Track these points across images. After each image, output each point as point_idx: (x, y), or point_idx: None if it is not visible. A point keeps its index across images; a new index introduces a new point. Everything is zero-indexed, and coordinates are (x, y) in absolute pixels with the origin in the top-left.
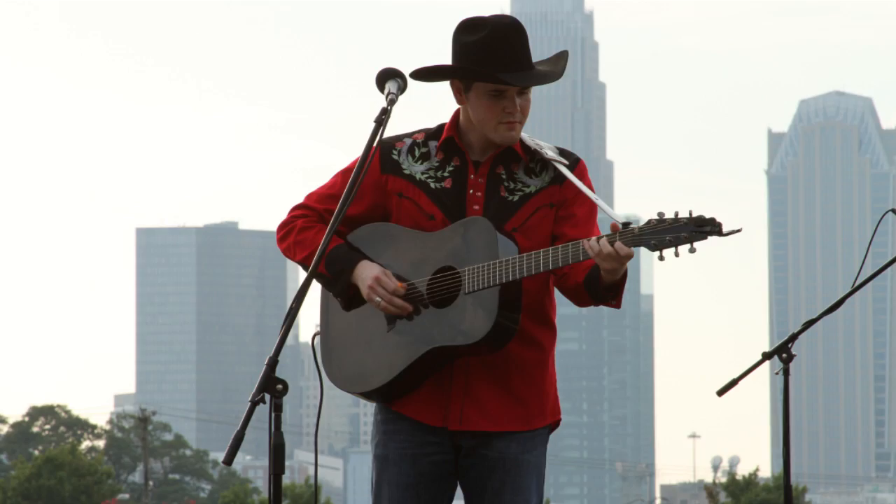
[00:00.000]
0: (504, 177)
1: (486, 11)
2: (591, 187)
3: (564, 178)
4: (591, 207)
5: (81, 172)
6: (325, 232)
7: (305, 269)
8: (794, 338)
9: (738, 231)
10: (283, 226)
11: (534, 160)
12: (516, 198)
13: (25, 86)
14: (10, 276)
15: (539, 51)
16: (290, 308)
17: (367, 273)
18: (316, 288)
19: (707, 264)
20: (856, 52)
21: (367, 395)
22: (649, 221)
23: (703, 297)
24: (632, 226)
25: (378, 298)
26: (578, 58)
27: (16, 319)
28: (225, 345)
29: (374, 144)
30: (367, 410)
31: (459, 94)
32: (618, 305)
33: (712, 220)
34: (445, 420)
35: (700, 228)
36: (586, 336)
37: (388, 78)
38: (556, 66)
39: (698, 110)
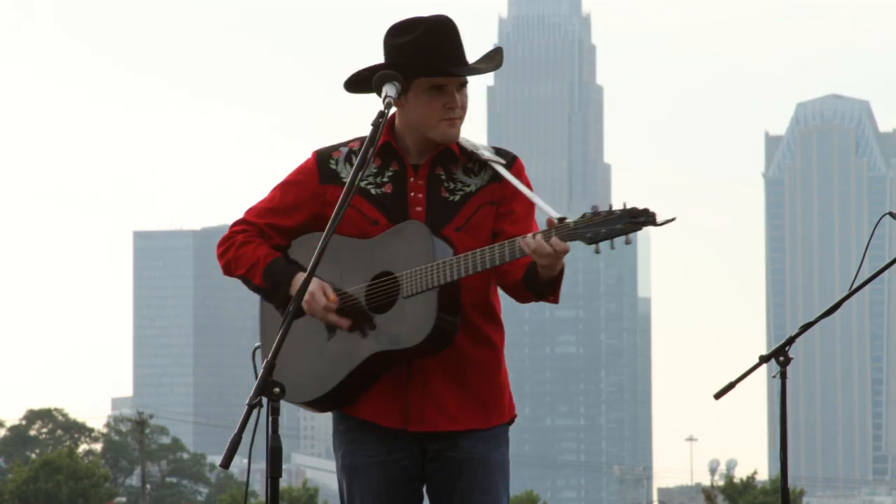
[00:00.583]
0: (443, 178)
1: (481, 13)
2: (528, 184)
3: (502, 176)
4: (530, 204)
5: (78, 176)
6: (265, 247)
7: (245, 283)
8: (791, 341)
9: (672, 220)
10: (224, 241)
11: (471, 160)
12: (457, 197)
13: (21, 89)
14: (8, 279)
15: (536, 55)
16: (288, 311)
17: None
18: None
19: (704, 267)
20: (853, 55)
21: (312, 405)
22: (584, 215)
23: (700, 300)
24: (567, 220)
25: (315, 313)
26: (576, 61)
27: (13, 322)
28: (222, 348)
29: (373, 148)
30: None
31: (396, 98)
32: (555, 300)
33: (646, 211)
34: (406, 422)
35: (634, 220)
36: (583, 339)
37: (385, 81)
38: (491, 62)
39: (695, 113)
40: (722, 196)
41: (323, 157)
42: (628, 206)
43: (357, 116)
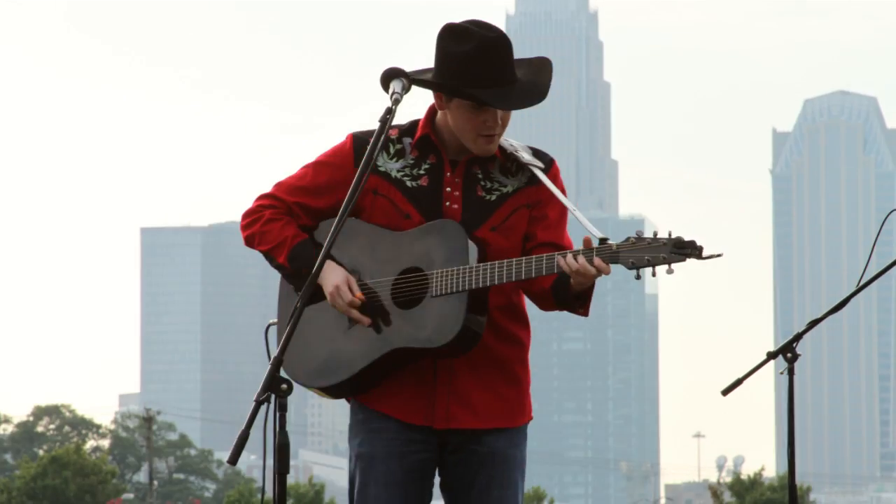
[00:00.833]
0: (480, 176)
1: (489, 9)
2: (563, 189)
3: (539, 179)
4: (563, 210)
5: (86, 172)
6: (294, 228)
7: (268, 260)
8: (798, 337)
9: (719, 255)
10: (250, 213)
11: (509, 161)
12: (494, 197)
13: (31, 85)
14: (15, 276)
15: (543, 51)
16: (295, 307)
17: (330, 277)
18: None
19: (711, 264)
20: (860, 51)
21: (326, 391)
22: (628, 239)
23: (707, 296)
24: (609, 242)
25: (340, 302)
26: (583, 57)
27: (20, 319)
28: (229, 344)
29: (379, 144)
30: None
31: (440, 100)
32: (585, 313)
33: (692, 243)
34: (430, 419)
35: (679, 250)
36: (591, 336)
37: (393, 77)
38: (539, 77)
39: (703, 110)
40: (729, 192)
41: (360, 142)
42: (674, 236)
43: (368, 115)
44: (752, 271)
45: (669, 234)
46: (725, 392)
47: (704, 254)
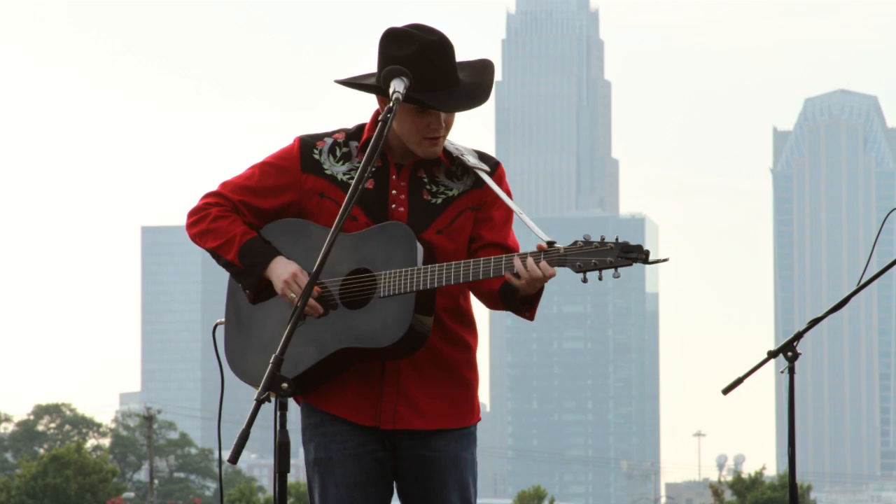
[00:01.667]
0: (426, 180)
1: (489, 8)
2: (508, 192)
3: (484, 182)
4: (509, 213)
5: (87, 171)
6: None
7: (215, 257)
8: (799, 336)
9: (665, 260)
10: (196, 211)
11: (455, 164)
12: (439, 200)
13: (31, 84)
14: (16, 275)
15: (544, 50)
16: (295, 307)
17: (282, 270)
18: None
19: (712, 263)
20: (861, 50)
21: None
22: (575, 242)
23: (708, 295)
24: (556, 245)
25: (292, 295)
26: (584, 56)
27: (21, 318)
28: None
29: (380, 143)
30: None
31: (384, 103)
32: (531, 318)
33: (638, 247)
34: (377, 419)
35: (626, 255)
36: (591, 334)
37: (394, 76)
38: (481, 79)
39: (703, 108)
40: (730, 191)
41: (307, 145)
42: (621, 241)
43: (368, 114)
44: (753, 270)
45: (616, 239)
46: (726, 391)
47: (650, 258)
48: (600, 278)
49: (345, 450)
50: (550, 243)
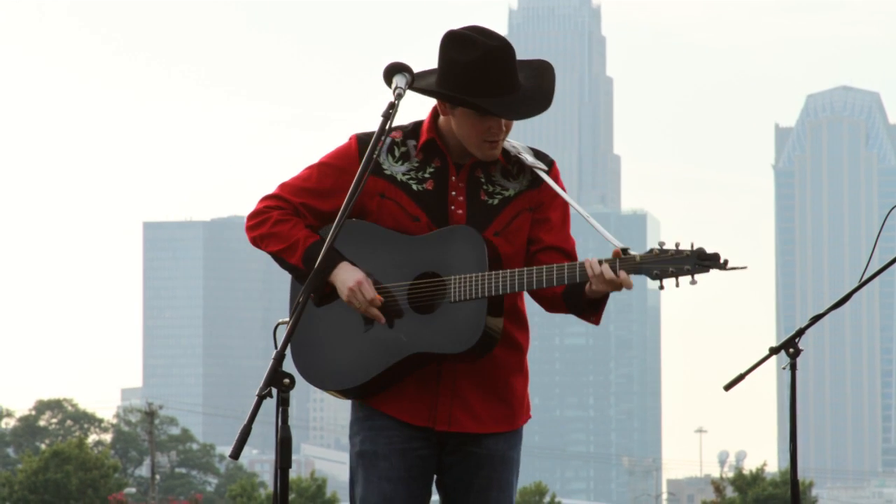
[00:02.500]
0: (483, 180)
1: (491, 4)
2: (563, 189)
3: (541, 181)
4: (566, 212)
5: (88, 166)
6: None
7: (278, 261)
8: (801, 332)
9: (744, 268)
10: (257, 214)
11: (511, 163)
12: (496, 201)
13: (33, 80)
14: (18, 270)
15: (546, 46)
16: (298, 302)
17: (348, 276)
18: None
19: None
20: (863, 46)
21: (342, 393)
22: (651, 250)
23: (709, 291)
24: (631, 252)
25: (357, 304)
26: (586, 52)
27: (22, 313)
28: (231, 339)
29: (382, 139)
30: None
31: (445, 106)
32: (597, 322)
33: (715, 255)
34: (433, 421)
35: (703, 262)
36: (593, 330)
37: (396, 72)
38: (542, 82)
39: (705, 105)
40: (732, 188)
41: (364, 144)
42: (696, 247)
43: (371, 110)
44: (755, 267)
45: (692, 246)
46: (728, 387)
47: (728, 266)
48: (677, 285)
49: (391, 444)
50: (625, 250)
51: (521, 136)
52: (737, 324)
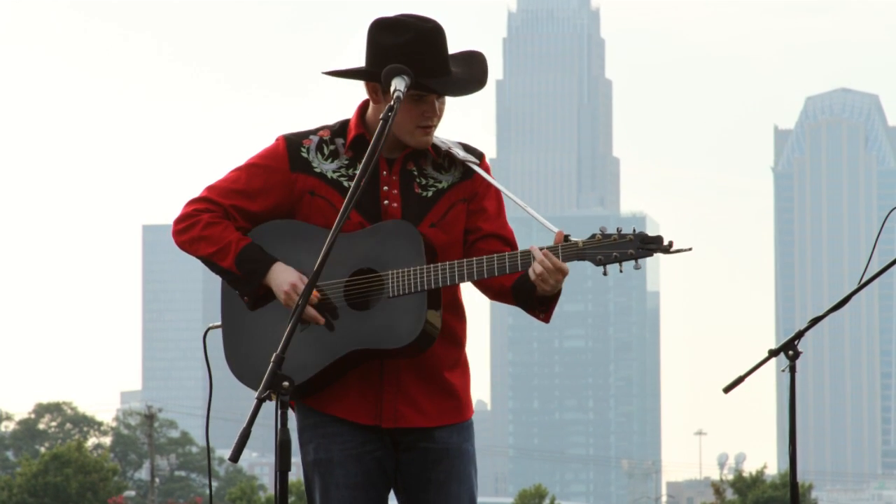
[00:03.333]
0: (416, 173)
1: (490, 6)
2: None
3: (473, 172)
4: (500, 203)
5: (88, 169)
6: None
7: (209, 265)
8: (800, 335)
9: (689, 250)
10: (185, 218)
11: (441, 157)
12: (430, 193)
13: (33, 80)
14: (17, 273)
15: (545, 48)
16: (296, 305)
17: (283, 277)
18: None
19: (713, 261)
20: (862, 49)
21: None
22: (594, 236)
23: (709, 293)
24: (573, 239)
25: (293, 306)
26: (585, 54)
27: (22, 316)
28: None
29: (381, 141)
30: None
31: (376, 94)
32: (547, 320)
33: (658, 238)
34: (379, 418)
35: (646, 245)
36: (592, 333)
37: (395, 75)
38: (473, 69)
39: (704, 107)
40: (731, 190)
41: (293, 144)
42: (637, 231)
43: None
44: (754, 269)
45: (634, 230)
46: (727, 389)
47: (672, 248)
48: (621, 270)
49: (345, 450)
50: (566, 237)
51: (521, 137)
52: (736, 326)
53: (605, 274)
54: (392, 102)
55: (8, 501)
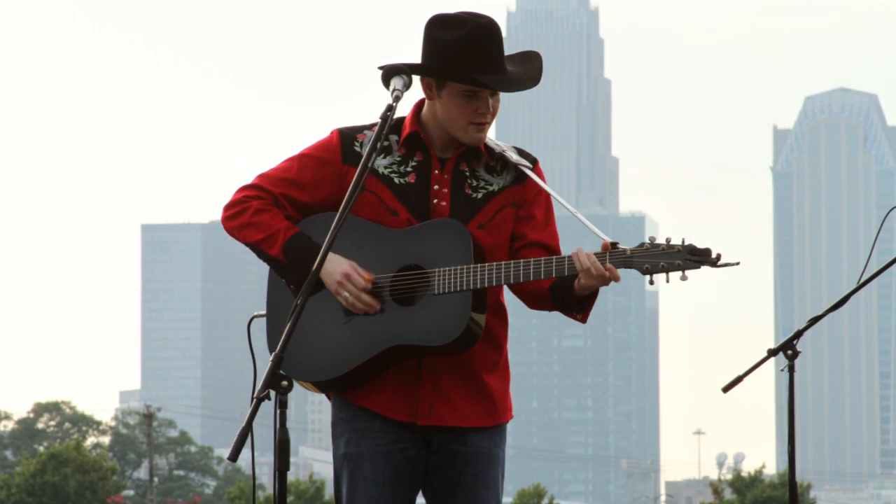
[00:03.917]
0: (468, 174)
1: (490, 6)
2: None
3: (526, 177)
4: (549, 210)
5: (87, 168)
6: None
7: (257, 252)
8: (799, 334)
9: (736, 264)
10: (235, 204)
11: (495, 159)
12: (480, 195)
13: (32, 81)
14: (16, 273)
15: (544, 48)
16: (296, 304)
17: (335, 266)
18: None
19: None
20: (861, 48)
21: (319, 386)
22: (642, 244)
23: (708, 293)
24: (621, 247)
25: (346, 294)
26: (584, 54)
27: (21, 315)
28: (230, 341)
29: (379, 142)
30: None
31: (430, 90)
32: (584, 320)
33: (707, 251)
34: (414, 416)
35: (694, 258)
36: (591, 333)
37: (394, 75)
38: (528, 67)
39: (704, 107)
40: (730, 190)
41: (347, 138)
42: (687, 243)
43: (369, 112)
44: (753, 268)
45: (683, 241)
46: (726, 389)
47: (720, 262)
48: (668, 281)
49: (376, 446)
50: (614, 244)
51: (520, 136)
52: (735, 325)
53: (651, 283)
54: (391, 101)
55: (7, 501)
